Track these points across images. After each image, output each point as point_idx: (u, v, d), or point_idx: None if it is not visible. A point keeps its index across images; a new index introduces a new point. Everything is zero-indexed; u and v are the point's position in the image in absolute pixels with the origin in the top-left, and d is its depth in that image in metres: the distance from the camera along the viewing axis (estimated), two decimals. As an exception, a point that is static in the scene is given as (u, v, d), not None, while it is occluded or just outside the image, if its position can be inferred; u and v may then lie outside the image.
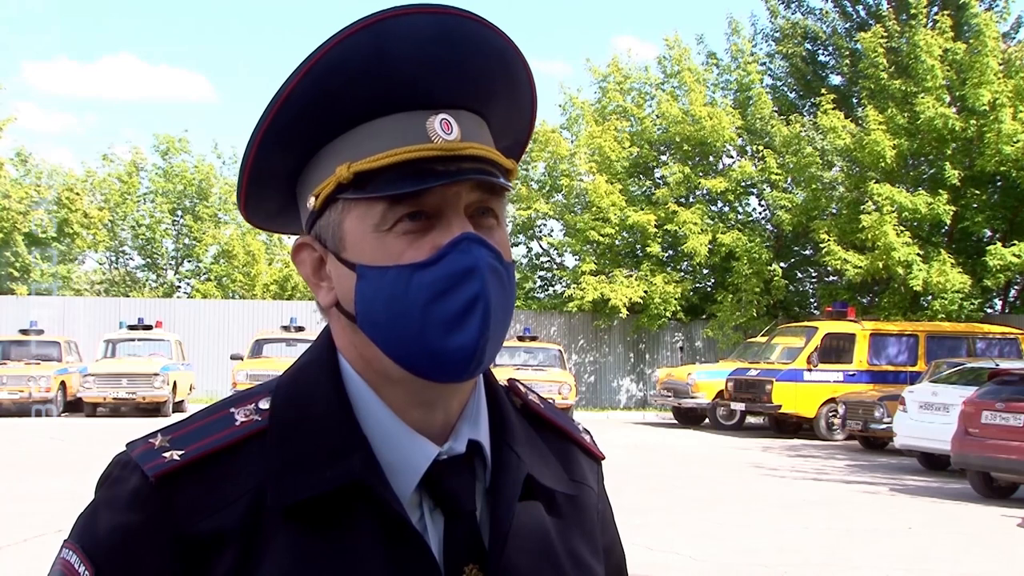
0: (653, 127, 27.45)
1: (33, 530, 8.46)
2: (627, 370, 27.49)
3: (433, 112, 0.96)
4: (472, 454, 1.00)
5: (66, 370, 21.18)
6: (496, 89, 1.00)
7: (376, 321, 0.96)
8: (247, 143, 0.98)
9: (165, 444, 0.96)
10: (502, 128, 1.04)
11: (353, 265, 0.96)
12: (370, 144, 0.95)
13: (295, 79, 0.94)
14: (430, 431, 0.99)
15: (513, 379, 1.15)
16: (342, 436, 0.96)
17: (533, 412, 1.12)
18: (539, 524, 1.03)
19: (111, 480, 0.98)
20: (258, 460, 0.95)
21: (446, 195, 0.95)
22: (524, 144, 1.11)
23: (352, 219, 0.97)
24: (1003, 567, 8.25)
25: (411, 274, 0.93)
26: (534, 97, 1.05)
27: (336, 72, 0.94)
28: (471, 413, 1.02)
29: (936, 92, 22.39)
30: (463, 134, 0.96)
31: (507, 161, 1.00)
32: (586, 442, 1.16)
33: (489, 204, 0.98)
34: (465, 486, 0.99)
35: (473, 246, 0.94)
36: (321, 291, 1.02)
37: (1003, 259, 21.61)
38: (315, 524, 0.93)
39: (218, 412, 1.00)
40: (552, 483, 1.05)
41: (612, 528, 1.17)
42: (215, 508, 0.93)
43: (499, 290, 0.95)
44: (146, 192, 32.25)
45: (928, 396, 14.39)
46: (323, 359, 1.02)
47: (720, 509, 10.60)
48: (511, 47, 1.00)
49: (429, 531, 0.97)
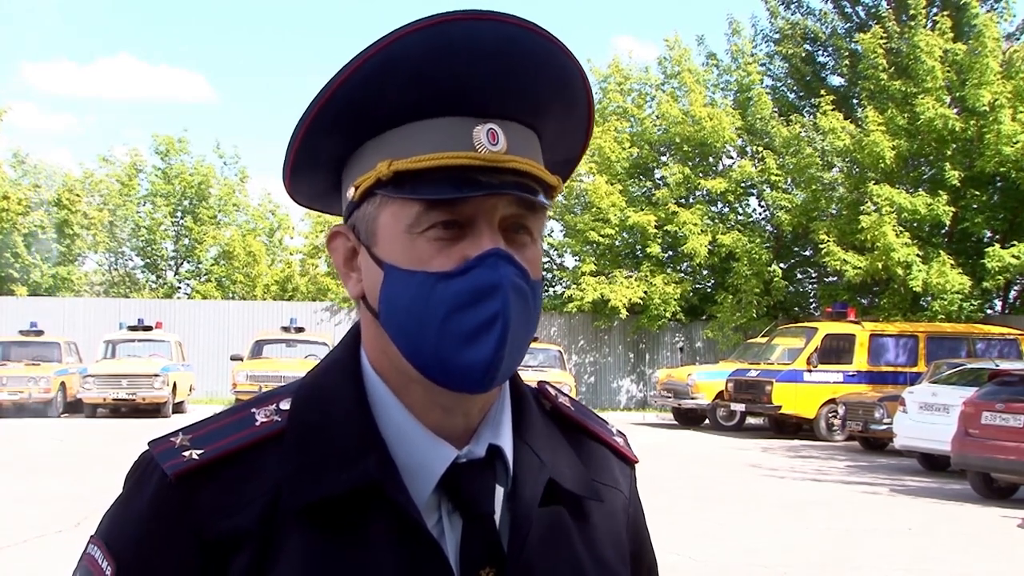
0: (653, 128, 27.46)
1: (34, 531, 8.46)
2: (627, 371, 27.50)
3: (482, 121, 0.95)
4: (492, 458, 1.00)
5: (66, 371, 21.17)
6: (551, 105, 0.99)
7: (397, 323, 0.96)
8: (297, 123, 0.99)
9: (186, 443, 0.97)
10: (554, 142, 1.04)
11: (382, 263, 0.97)
12: (415, 144, 0.95)
13: (350, 69, 0.95)
14: (450, 434, 0.99)
15: (544, 382, 1.15)
16: (359, 438, 0.97)
17: (563, 415, 1.12)
18: (560, 528, 1.02)
19: (135, 478, 0.99)
20: (276, 461, 0.96)
21: (482, 207, 0.94)
22: (576, 161, 1.10)
23: (387, 216, 0.97)
24: (1003, 568, 8.25)
25: (435, 282, 0.93)
26: (591, 116, 1.04)
27: (390, 69, 0.94)
28: (494, 417, 1.02)
29: (936, 93, 22.39)
30: (509, 146, 0.95)
31: (551, 177, 0.99)
32: (619, 445, 1.16)
33: (525, 221, 0.97)
34: (484, 489, 0.98)
35: (501, 263, 0.93)
36: (351, 281, 1.02)
37: (1003, 260, 21.60)
38: (330, 525, 0.94)
39: (240, 412, 1.01)
40: (576, 487, 1.04)
41: (644, 533, 1.16)
42: (233, 508, 0.94)
43: (521, 309, 0.94)
44: (146, 194, 32.26)
45: (928, 397, 14.39)
46: (345, 360, 1.02)
47: (720, 509, 10.60)
48: (572, 64, 0.99)
49: (447, 534, 0.97)
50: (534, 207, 0.97)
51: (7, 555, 7.73)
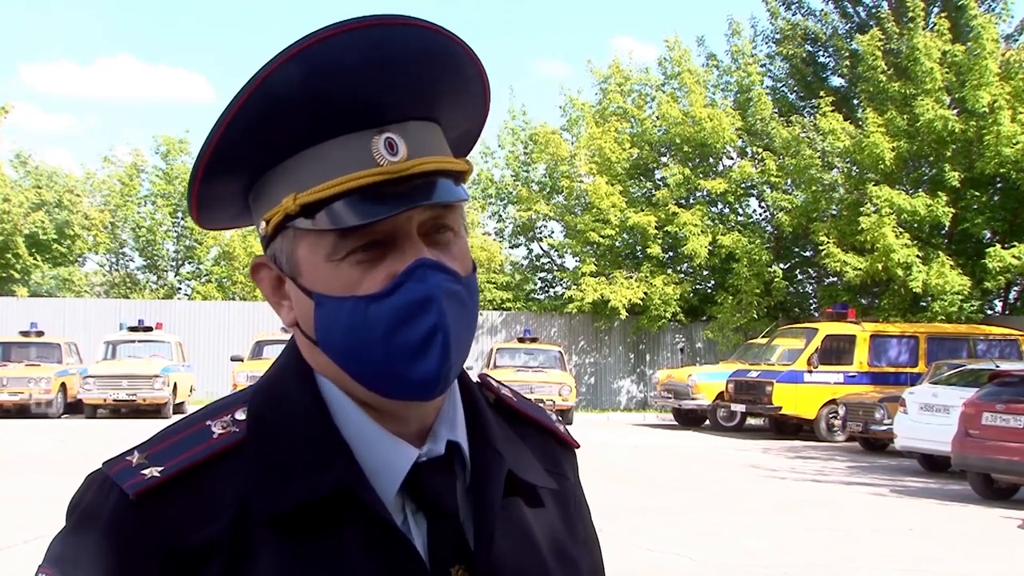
0: (653, 128, 27.47)
1: (34, 531, 8.46)
2: (627, 371, 27.50)
3: (378, 130, 0.93)
4: (451, 455, 1.00)
5: (66, 372, 21.17)
6: (442, 90, 0.97)
7: (338, 348, 0.95)
8: (192, 169, 0.97)
9: (143, 461, 0.94)
10: (455, 120, 1.02)
11: (310, 292, 0.95)
12: (316, 170, 0.93)
13: (230, 114, 0.92)
14: (407, 434, 0.99)
15: (485, 374, 1.15)
16: (323, 443, 0.95)
17: (507, 406, 1.12)
18: (522, 520, 1.03)
19: (87, 501, 0.95)
20: (240, 471, 0.94)
21: (397, 221, 0.92)
22: (479, 129, 1.08)
23: (304, 248, 0.95)
24: (1004, 568, 8.25)
25: (367, 305, 0.92)
26: (485, 84, 1.01)
27: (271, 105, 0.91)
28: (447, 414, 1.02)
29: (935, 94, 22.40)
30: (411, 150, 0.94)
31: (460, 164, 0.98)
32: (560, 432, 1.16)
33: (443, 220, 0.96)
34: (446, 487, 0.98)
35: (428, 272, 0.92)
36: (283, 310, 1.01)
37: (1003, 261, 21.62)
38: (302, 532, 0.93)
39: (194, 426, 0.98)
40: (532, 478, 1.05)
41: (588, 518, 1.17)
42: (199, 522, 0.92)
43: (458, 312, 0.94)
44: (147, 194, 32.26)
45: (928, 397, 14.39)
46: (296, 366, 1.01)
47: (720, 510, 10.60)
48: (450, 39, 0.95)
49: (413, 534, 0.96)
50: (450, 204, 0.96)
51: (8, 555, 7.74)
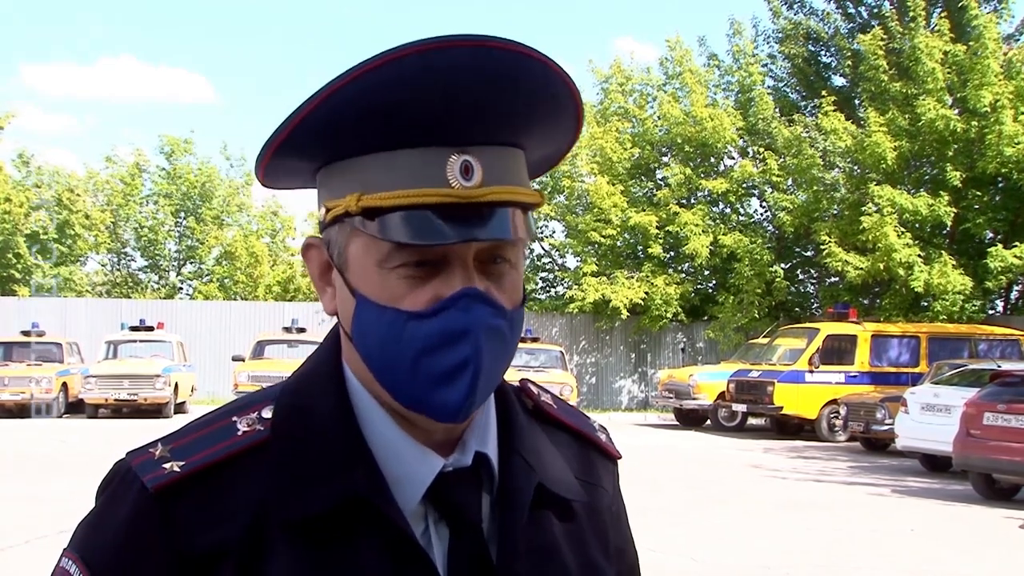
0: (655, 128, 27.46)
1: (35, 532, 8.46)
2: (628, 371, 27.49)
3: (458, 150, 0.91)
4: (479, 466, 0.99)
5: (68, 371, 21.19)
6: (535, 119, 0.95)
7: (370, 353, 0.95)
8: (265, 142, 0.95)
9: (166, 454, 0.95)
10: (541, 144, 0.99)
11: (355, 291, 0.95)
12: (386, 176, 0.91)
13: (320, 97, 0.90)
14: (434, 443, 0.97)
15: (526, 380, 1.12)
16: (346, 449, 0.95)
17: (545, 413, 1.10)
18: (549, 535, 1.01)
19: (111, 489, 0.96)
20: (260, 472, 0.94)
21: (455, 247, 0.91)
22: (566, 152, 1.05)
23: (357, 247, 0.94)
24: (1005, 569, 8.24)
25: (406, 321, 0.91)
26: (579, 113, 0.98)
27: (360, 103, 0.90)
28: (479, 423, 1.00)
29: (937, 94, 22.39)
30: (485, 177, 0.91)
31: (532, 196, 0.95)
32: (601, 442, 1.15)
33: (501, 252, 0.94)
34: (471, 499, 0.97)
35: (473, 304, 0.90)
36: (325, 296, 1.00)
37: (1004, 261, 21.61)
38: (317, 539, 0.92)
39: (220, 421, 0.98)
40: (564, 491, 1.03)
41: (625, 529, 1.15)
42: (215, 522, 0.92)
43: (496, 348, 0.92)
44: (149, 194, 32.28)
45: (930, 397, 14.38)
46: (328, 365, 1.00)
47: (721, 510, 10.59)
48: (552, 69, 0.92)
49: (434, 545, 0.95)
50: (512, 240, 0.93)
51: (9, 556, 7.74)
